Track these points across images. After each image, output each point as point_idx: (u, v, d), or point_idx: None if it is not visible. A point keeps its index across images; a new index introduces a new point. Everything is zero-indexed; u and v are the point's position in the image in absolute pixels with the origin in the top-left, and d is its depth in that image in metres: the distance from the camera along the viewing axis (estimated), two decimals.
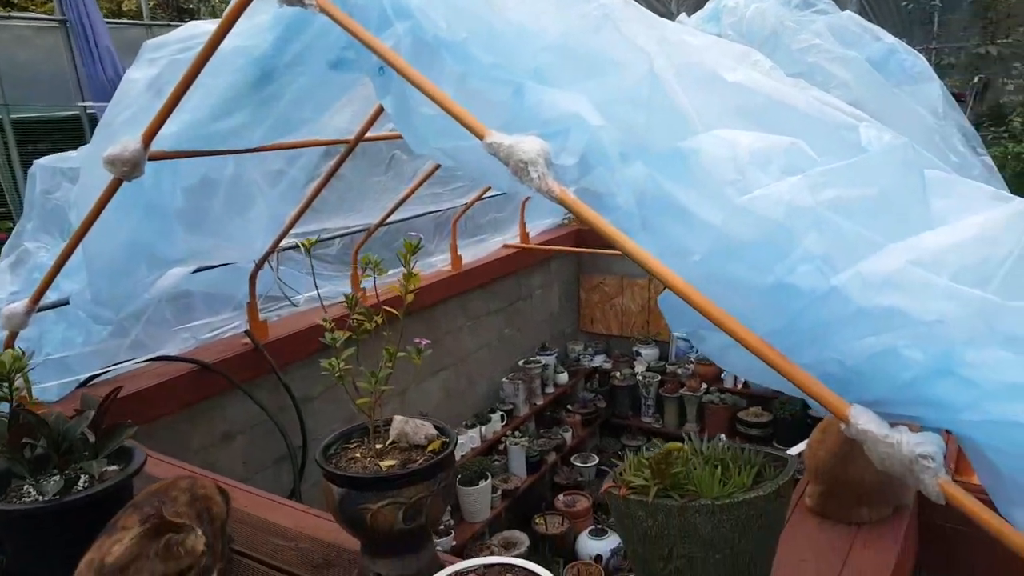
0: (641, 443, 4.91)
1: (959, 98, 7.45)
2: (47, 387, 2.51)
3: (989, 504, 1.00)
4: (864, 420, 1.05)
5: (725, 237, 1.11)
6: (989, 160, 4.26)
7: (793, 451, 2.08)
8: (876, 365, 1.04)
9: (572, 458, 4.71)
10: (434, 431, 1.43)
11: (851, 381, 1.09)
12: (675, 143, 1.24)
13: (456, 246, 4.07)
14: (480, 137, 1.32)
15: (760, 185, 1.12)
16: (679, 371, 4.99)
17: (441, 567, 1.31)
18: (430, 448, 1.40)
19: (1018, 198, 1.13)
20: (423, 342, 1.44)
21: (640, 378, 5.01)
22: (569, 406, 5.03)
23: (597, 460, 4.73)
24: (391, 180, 3.14)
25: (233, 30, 1.66)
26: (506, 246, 4.61)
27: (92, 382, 2.72)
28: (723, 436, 1.69)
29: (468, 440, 4.18)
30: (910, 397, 1.04)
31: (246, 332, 3.11)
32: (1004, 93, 7.29)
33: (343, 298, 1.50)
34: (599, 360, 5.33)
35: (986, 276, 1.00)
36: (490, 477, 4.02)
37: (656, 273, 1.20)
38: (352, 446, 1.45)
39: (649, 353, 5.20)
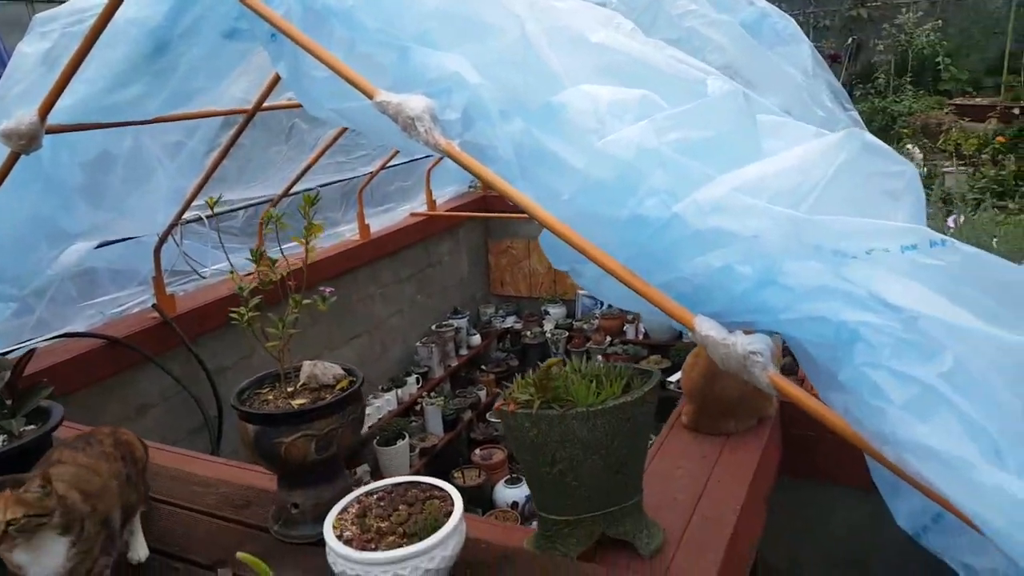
0: None
1: (835, 59, 7.93)
2: None
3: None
4: (706, 327, 1.24)
5: (587, 178, 1.28)
6: (856, 115, 4.63)
7: (673, 378, 2.30)
8: (715, 280, 1.23)
9: (487, 415, 4.90)
10: (342, 371, 1.56)
11: (698, 296, 1.28)
12: (547, 99, 1.40)
13: (363, 215, 4.14)
14: (370, 97, 1.44)
15: (615, 132, 1.29)
16: (585, 327, 5.24)
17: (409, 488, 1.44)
18: (339, 386, 1.52)
19: (832, 133, 1.33)
20: (327, 290, 1.55)
21: (549, 336, 5.24)
22: (483, 366, 5.21)
23: None
24: (292, 150, 3.19)
25: (127, 1, 1.70)
26: (413, 214, 4.71)
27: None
28: (600, 357, 1.80)
29: (385, 403, 4.31)
30: (744, 306, 1.23)
31: (154, 306, 3.12)
32: (875, 53, 7.83)
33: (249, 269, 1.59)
34: (510, 321, 5.53)
35: (800, 198, 1.19)
36: (408, 437, 4.17)
37: (534, 215, 1.35)
38: (265, 391, 1.56)
39: (557, 312, 5.43)
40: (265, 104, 2.56)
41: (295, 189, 3.57)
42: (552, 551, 1.44)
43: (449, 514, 1.31)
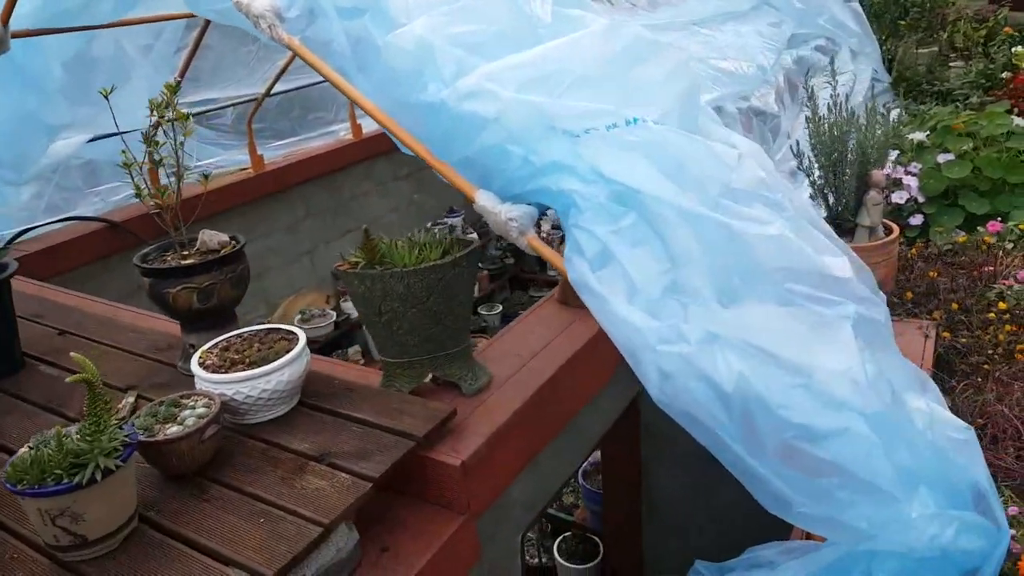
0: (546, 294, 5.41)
1: None
2: None
3: None
4: (482, 199, 1.48)
5: (388, 68, 1.50)
6: (857, 6, 4.53)
7: None
8: (494, 159, 1.46)
9: (479, 308, 5.22)
10: (227, 239, 1.86)
11: (487, 173, 1.51)
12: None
13: (354, 115, 4.39)
14: None
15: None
16: None
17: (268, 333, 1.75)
18: (224, 251, 1.83)
19: (619, 26, 1.50)
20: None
21: (545, 236, 5.47)
22: (480, 263, 5.50)
23: (501, 308, 5.26)
24: (263, 50, 3.44)
25: None
26: None
27: (17, 240, 3.13)
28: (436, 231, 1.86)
29: None
30: (516, 181, 1.46)
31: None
32: None
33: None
34: None
35: (554, 84, 1.39)
36: None
37: (362, 105, 1.59)
38: (168, 254, 1.88)
39: (554, 213, 5.62)
40: None
41: (284, 88, 3.83)
42: (390, 388, 1.75)
43: (289, 351, 1.62)
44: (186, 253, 1.85)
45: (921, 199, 2.62)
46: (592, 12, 1.59)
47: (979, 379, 1.84)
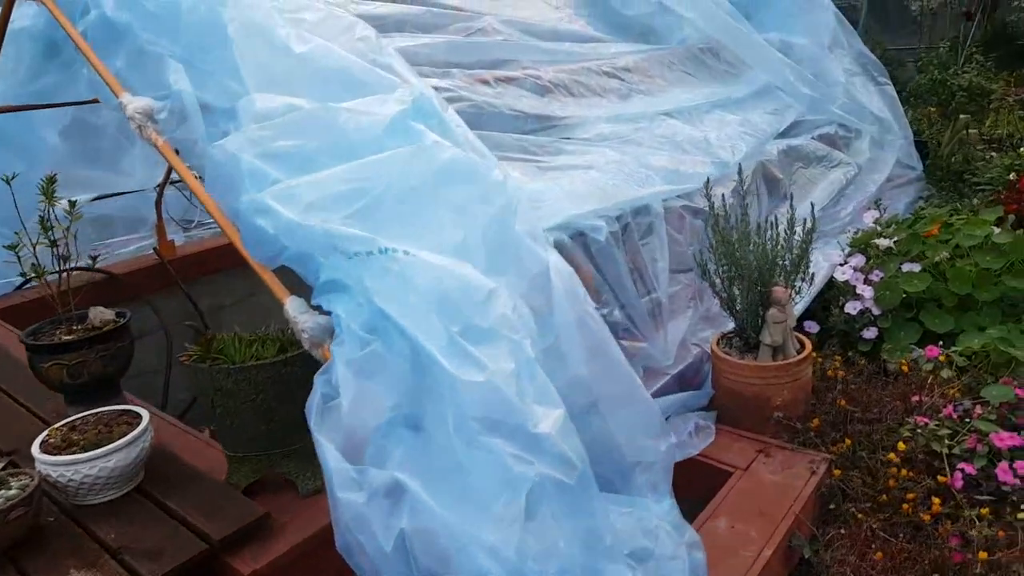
0: None
1: (968, 16, 7.08)
2: None
3: None
4: (289, 305, 1.48)
5: (212, 176, 1.55)
6: (890, 88, 4.31)
7: None
8: (305, 265, 1.46)
9: None
10: (110, 317, 1.95)
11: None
12: (235, 103, 1.67)
13: None
14: (117, 96, 1.79)
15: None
16: None
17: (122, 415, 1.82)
18: (105, 328, 1.92)
19: (430, 145, 1.49)
20: None
21: None
22: None
23: None
24: None
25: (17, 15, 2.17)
26: None
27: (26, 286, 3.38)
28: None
29: None
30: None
31: (154, 249, 3.70)
32: (1013, 11, 6.93)
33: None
34: None
35: (349, 202, 1.39)
36: None
37: (206, 206, 1.65)
38: (61, 328, 1.98)
39: None
40: None
41: None
42: (230, 479, 1.77)
43: (124, 435, 1.67)
44: (75, 328, 1.95)
45: (877, 311, 2.43)
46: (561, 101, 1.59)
47: (854, 529, 1.66)
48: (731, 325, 2.16)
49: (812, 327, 2.61)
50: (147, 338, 3.71)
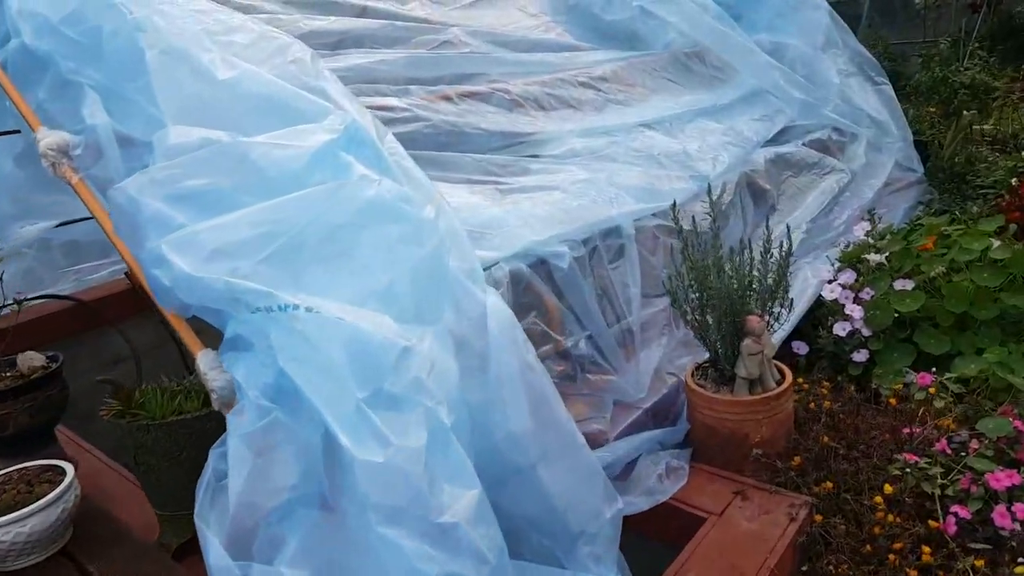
0: None
1: (974, 8, 6.87)
2: None
3: None
4: (200, 359, 1.37)
5: (115, 218, 1.42)
6: (887, 88, 4.13)
7: None
8: (217, 315, 1.34)
9: None
10: (40, 363, 1.83)
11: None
12: (152, 136, 1.55)
13: None
14: (34, 130, 1.67)
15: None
16: None
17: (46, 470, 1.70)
18: (33, 376, 1.80)
19: (362, 180, 1.36)
20: None
21: None
22: None
23: None
24: None
25: None
26: None
27: None
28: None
29: None
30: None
31: (126, 274, 3.59)
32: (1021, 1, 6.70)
33: None
34: None
35: (254, 252, 1.27)
36: None
37: (119, 250, 1.53)
38: None
39: None
40: None
41: None
42: (162, 539, 1.64)
43: (42, 497, 1.55)
44: (10, 374, 1.83)
45: (867, 332, 2.28)
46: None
47: None
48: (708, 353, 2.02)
49: (801, 348, 2.46)
50: (120, 364, 3.61)
